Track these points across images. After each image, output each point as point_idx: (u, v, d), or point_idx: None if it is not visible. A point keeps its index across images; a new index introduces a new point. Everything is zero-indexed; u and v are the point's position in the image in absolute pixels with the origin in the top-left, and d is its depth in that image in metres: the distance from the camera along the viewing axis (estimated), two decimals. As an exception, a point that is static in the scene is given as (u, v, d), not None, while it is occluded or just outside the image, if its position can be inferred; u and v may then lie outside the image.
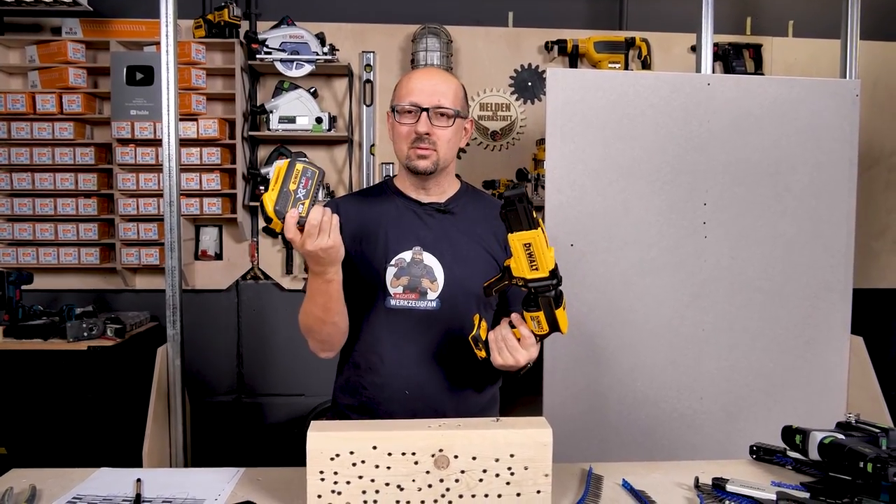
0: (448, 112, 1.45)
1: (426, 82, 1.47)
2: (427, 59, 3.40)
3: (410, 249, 1.48)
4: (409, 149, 1.47)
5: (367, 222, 1.52)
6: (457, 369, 1.49)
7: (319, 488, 1.13)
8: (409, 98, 1.46)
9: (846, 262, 2.48)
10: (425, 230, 1.50)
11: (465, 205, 1.56)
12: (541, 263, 1.20)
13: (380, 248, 1.49)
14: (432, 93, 1.45)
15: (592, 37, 3.54)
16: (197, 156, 3.36)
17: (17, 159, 3.35)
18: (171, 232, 2.48)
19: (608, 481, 1.32)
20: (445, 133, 1.46)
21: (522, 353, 1.30)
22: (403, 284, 1.47)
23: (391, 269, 1.47)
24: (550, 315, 1.26)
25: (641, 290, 2.38)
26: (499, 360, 1.31)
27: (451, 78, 1.52)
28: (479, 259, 1.51)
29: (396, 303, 1.47)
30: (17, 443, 2.99)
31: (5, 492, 1.20)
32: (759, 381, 2.44)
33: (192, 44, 3.34)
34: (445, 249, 1.49)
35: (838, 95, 2.46)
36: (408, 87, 1.47)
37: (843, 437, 1.27)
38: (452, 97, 1.47)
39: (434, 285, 1.47)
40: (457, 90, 1.50)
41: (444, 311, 1.47)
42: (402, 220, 1.52)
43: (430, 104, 1.44)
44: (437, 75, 1.51)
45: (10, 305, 3.12)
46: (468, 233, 1.52)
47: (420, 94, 1.45)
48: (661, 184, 2.38)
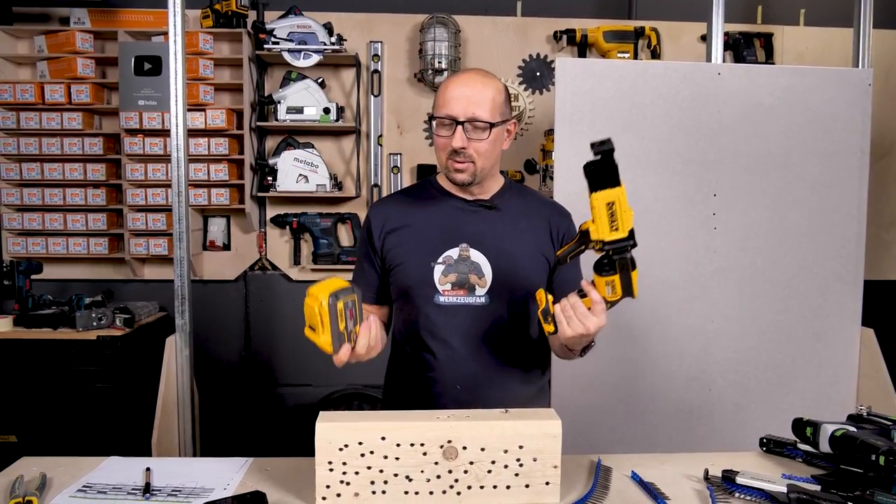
0: (483, 125, 1.43)
1: (462, 91, 1.43)
2: (435, 50, 3.38)
3: (457, 246, 1.49)
4: (446, 159, 1.46)
5: (413, 221, 1.53)
6: (507, 362, 1.52)
7: (328, 479, 1.13)
8: (444, 109, 1.43)
9: (857, 253, 2.46)
10: (471, 227, 1.51)
11: (509, 200, 1.56)
12: (621, 223, 1.17)
13: (426, 247, 1.50)
14: (468, 103, 1.42)
15: (601, 26, 3.52)
16: (205, 146, 3.36)
17: (26, 149, 3.36)
18: (180, 222, 2.48)
19: (617, 473, 1.32)
20: (482, 145, 1.44)
21: (593, 320, 1.25)
22: (452, 281, 1.48)
23: (439, 266, 1.48)
24: (626, 278, 1.22)
25: (651, 282, 2.37)
26: (568, 332, 1.26)
27: (490, 83, 1.47)
28: (526, 254, 1.52)
29: (446, 299, 1.48)
30: (27, 431, 3.01)
31: (16, 480, 1.21)
32: (769, 373, 2.43)
33: (200, 34, 3.34)
34: (492, 245, 1.50)
35: (850, 85, 2.43)
36: (444, 97, 1.44)
37: (854, 430, 1.26)
38: (490, 106, 1.44)
39: (482, 281, 1.49)
40: (495, 96, 1.46)
41: (493, 306, 1.48)
42: (448, 217, 1.52)
43: (466, 116, 1.42)
44: (474, 83, 1.45)
45: (20, 295, 3.14)
46: (513, 228, 1.53)
47: (455, 104, 1.42)
48: (671, 174, 2.36)
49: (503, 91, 1.49)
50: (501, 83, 1.51)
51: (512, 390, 1.54)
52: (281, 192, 3.44)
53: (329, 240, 3.55)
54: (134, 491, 1.21)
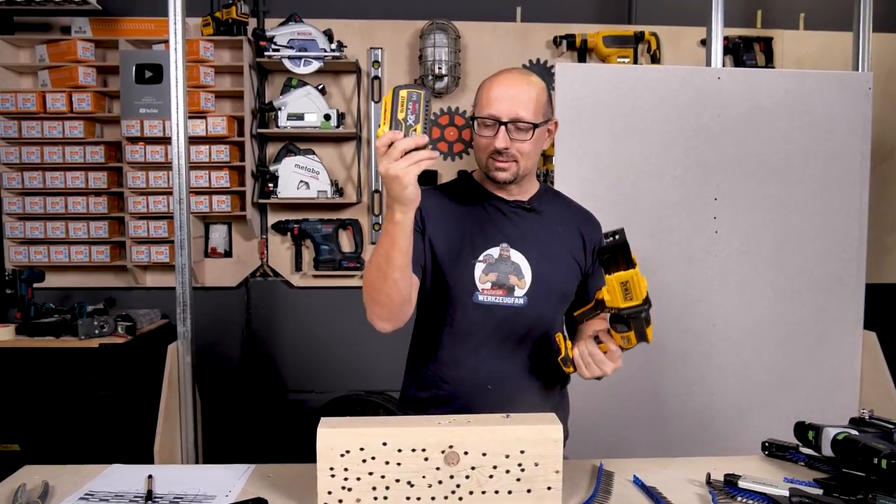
0: (527, 126, 1.42)
1: (506, 91, 1.42)
2: (435, 55, 3.39)
3: (498, 246, 1.48)
4: (487, 159, 1.45)
5: (454, 217, 1.51)
6: (539, 365, 1.52)
7: (330, 484, 1.13)
8: (488, 109, 1.42)
9: (859, 256, 2.46)
10: (511, 227, 1.50)
11: (547, 204, 1.56)
12: (635, 294, 1.22)
13: (468, 244, 1.49)
14: (512, 104, 1.41)
15: (601, 31, 3.52)
16: (206, 153, 3.36)
17: (27, 158, 3.37)
18: (181, 229, 2.49)
19: (619, 478, 1.31)
20: (525, 146, 1.43)
21: (610, 366, 1.32)
22: (492, 281, 1.47)
23: (479, 265, 1.47)
24: (641, 333, 1.28)
25: (651, 286, 2.34)
26: (586, 375, 1.33)
27: (533, 83, 1.45)
28: (563, 258, 1.53)
29: (485, 298, 1.47)
30: (29, 440, 3.01)
31: (18, 488, 1.21)
32: (771, 377, 2.43)
33: (201, 41, 3.35)
34: (532, 247, 1.50)
35: (850, 88, 2.44)
36: (487, 97, 1.43)
37: (856, 434, 1.26)
38: (534, 107, 1.43)
39: (521, 282, 1.48)
40: (538, 96, 1.44)
41: (531, 308, 1.48)
42: (489, 216, 1.51)
43: (509, 116, 1.40)
44: (518, 83, 1.44)
45: (22, 303, 3.14)
46: (552, 231, 1.53)
47: (499, 104, 1.41)
48: (672, 178, 2.37)
49: (546, 91, 1.48)
50: (544, 83, 1.50)
51: (541, 393, 1.55)
52: (282, 198, 3.44)
53: (330, 246, 3.56)
54: (136, 498, 1.21)
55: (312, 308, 3.65)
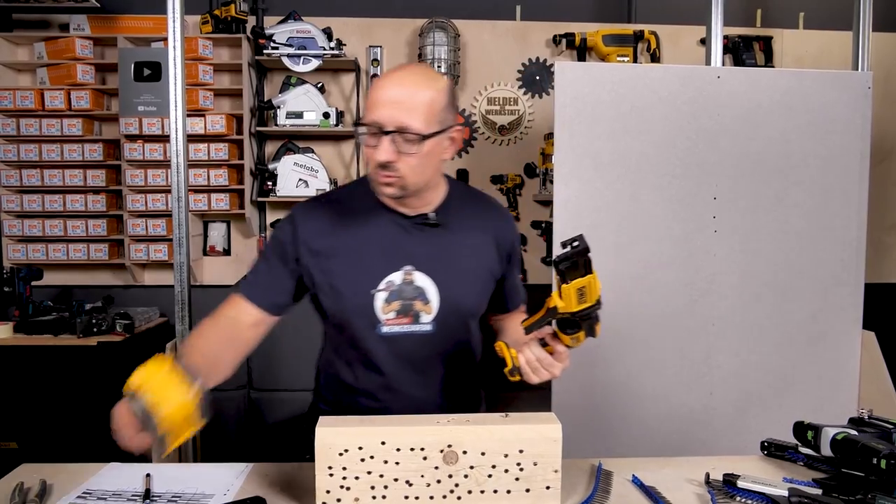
0: (414, 138, 1.21)
1: (393, 94, 1.22)
2: (434, 54, 3.39)
3: (400, 270, 1.33)
4: (374, 172, 1.27)
5: (348, 240, 1.35)
6: (452, 386, 1.45)
7: (328, 484, 1.12)
8: (371, 114, 1.23)
9: (858, 256, 2.46)
10: (414, 247, 1.35)
11: (455, 213, 1.39)
12: (590, 296, 1.17)
13: (365, 271, 1.33)
14: (397, 110, 1.21)
15: (601, 30, 3.53)
16: (205, 151, 3.36)
17: (26, 156, 3.36)
18: (180, 228, 2.48)
19: (618, 477, 1.31)
20: (412, 159, 1.23)
21: (558, 367, 1.25)
22: (395, 309, 1.33)
23: (380, 294, 1.33)
24: (591, 332, 1.24)
25: (650, 285, 2.37)
26: (535, 380, 1.25)
27: (428, 84, 1.25)
28: (474, 274, 1.40)
29: (389, 329, 1.34)
30: (27, 438, 3.01)
31: (16, 487, 1.21)
32: (770, 377, 2.42)
33: (199, 39, 3.34)
34: (438, 267, 1.35)
35: (850, 88, 2.43)
36: (373, 99, 1.23)
37: (855, 433, 1.25)
38: (425, 113, 1.22)
39: (428, 307, 1.35)
40: (432, 101, 1.23)
41: (440, 334, 1.37)
42: (388, 236, 1.35)
43: (394, 125, 1.20)
44: (409, 84, 1.24)
45: (20, 301, 3.14)
46: (461, 245, 1.38)
47: (383, 109, 1.21)
48: (671, 178, 2.36)
49: (446, 92, 1.27)
50: (445, 82, 1.29)
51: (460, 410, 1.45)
52: (281, 196, 3.44)
53: (329, 244, 3.55)
54: (134, 497, 1.21)
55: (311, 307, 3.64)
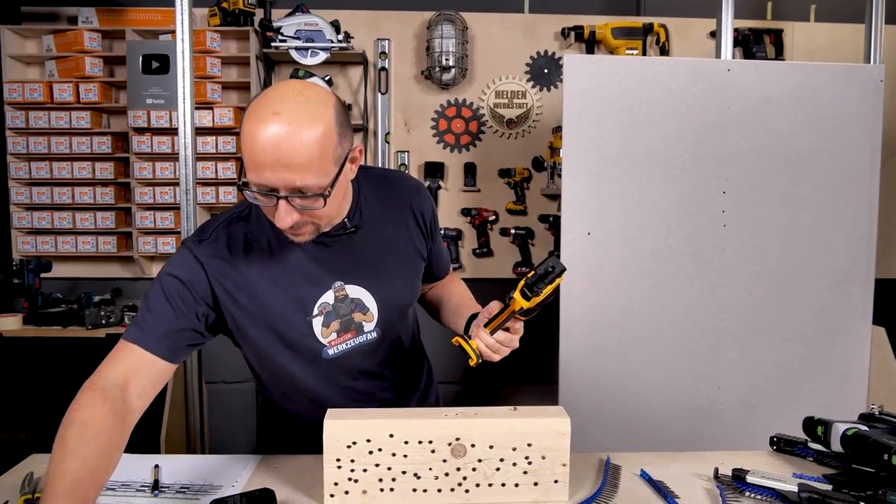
0: (315, 196, 1.07)
1: (273, 146, 1.01)
2: (443, 47, 3.38)
3: (330, 289, 1.25)
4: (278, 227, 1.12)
5: (267, 275, 1.22)
6: (402, 378, 1.43)
7: (336, 476, 1.12)
8: (257, 176, 1.05)
9: (868, 251, 2.44)
10: (339, 261, 1.26)
11: (370, 210, 1.30)
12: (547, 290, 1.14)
13: (294, 302, 1.23)
14: (285, 171, 1.03)
15: (610, 23, 3.50)
16: (213, 144, 3.36)
17: (35, 148, 3.38)
18: (188, 220, 2.49)
19: (626, 471, 1.31)
20: (321, 212, 1.10)
21: (516, 339, 1.23)
22: (336, 330, 1.27)
23: (316, 319, 1.25)
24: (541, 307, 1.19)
25: (659, 280, 2.36)
26: (496, 359, 1.23)
27: (311, 123, 1.03)
28: (404, 263, 1.35)
29: (335, 350, 1.28)
30: (36, 429, 3.03)
31: (25, 477, 1.21)
32: (779, 372, 2.41)
33: (207, 32, 3.34)
34: (367, 272, 1.28)
35: (861, 81, 2.41)
36: (253, 158, 1.03)
37: (866, 429, 1.24)
38: (318, 164, 1.05)
39: (368, 315, 1.30)
40: (323, 146, 1.04)
41: (385, 335, 1.33)
42: (310, 258, 1.24)
43: (287, 189, 1.05)
44: (290, 130, 1.01)
45: (30, 293, 3.16)
46: (383, 240, 1.31)
47: (270, 174, 1.03)
48: (680, 172, 2.35)
49: (334, 121, 1.06)
50: (330, 107, 1.07)
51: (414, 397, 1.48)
52: (288, 190, 3.43)
53: (336, 238, 3.55)
54: (143, 488, 1.21)
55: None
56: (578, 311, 2.33)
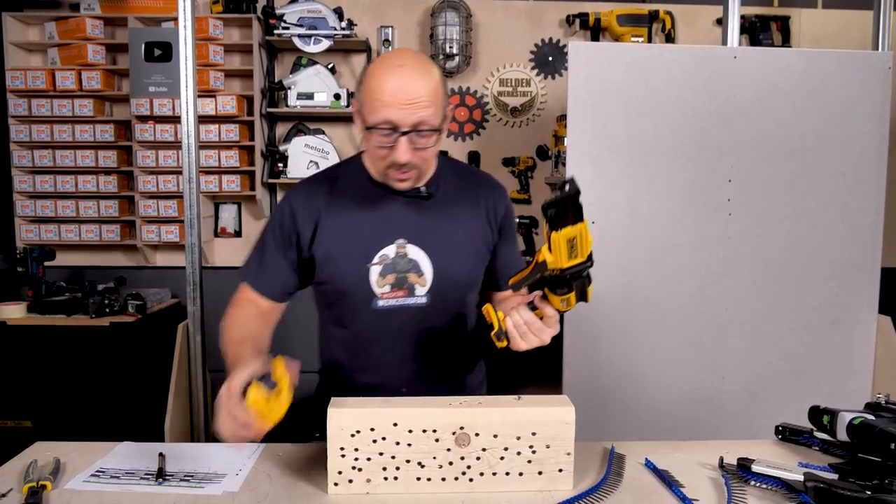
0: (431, 133, 1.24)
1: (404, 91, 1.20)
2: (446, 34, 3.36)
3: (393, 243, 1.35)
4: (385, 169, 1.29)
5: (343, 217, 1.37)
6: (450, 358, 1.46)
7: (340, 464, 1.12)
8: (382, 113, 1.21)
9: (874, 240, 2.42)
10: (406, 220, 1.36)
11: (445, 186, 1.41)
12: (581, 251, 1.10)
13: (359, 246, 1.35)
14: (413, 106, 1.20)
15: (615, 10, 3.47)
16: (216, 132, 3.35)
17: (38, 136, 3.37)
18: (191, 209, 2.48)
19: (631, 460, 1.30)
20: (429, 153, 1.27)
21: (548, 332, 1.20)
22: (390, 283, 1.35)
23: (375, 267, 1.34)
24: (582, 293, 1.17)
25: (664, 269, 2.35)
26: (523, 346, 1.20)
27: (429, 72, 1.24)
28: (466, 245, 1.41)
29: (385, 303, 1.36)
30: (41, 417, 3.04)
31: (30, 464, 1.21)
32: (784, 362, 2.41)
33: (210, 19, 3.32)
34: (430, 239, 1.36)
35: (869, 68, 2.38)
36: (381, 98, 1.21)
37: (872, 418, 1.24)
38: (435, 105, 1.23)
39: (422, 279, 1.36)
40: (437, 87, 1.25)
41: (434, 305, 1.38)
42: (381, 211, 1.36)
43: (410, 123, 1.21)
44: (415, 76, 1.22)
45: (34, 281, 3.16)
46: (452, 217, 1.39)
47: (396, 108, 1.20)
48: (685, 160, 2.33)
49: (440, 73, 1.28)
50: (434, 63, 1.31)
51: (458, 385, 1.49)
52: (292, 178, 3.43)
53: (340, 226, 3.55)
54: (147, 476, 1.21)
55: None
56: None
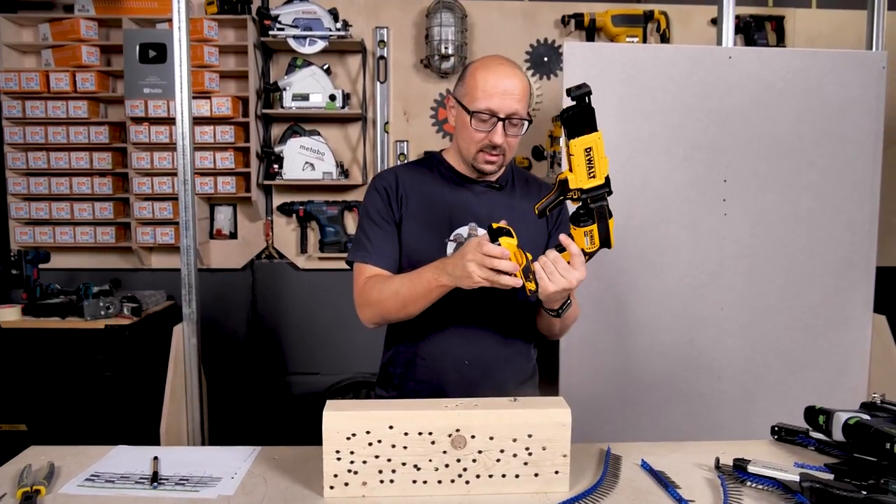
0: (521, 122, 1.45)
1: (504, 84, 1.43)
2: (442, 35, 3.35)
3: (467, 225, 1.51)
4: (477, 152, 1.47)
5: (427, 196, 1.54)
6: (510, 337, 1.56)
7: (336, 467, 1.12)
8: (486, 102, 1.42)
9: (869, 239, 2.43)
10: (479, 206, 1.53)
11: (512, 183, 1.60)
12: (598, 170, 1.20)
13: (439, 223, 1.52)
14: (510, 99, 1.43)
15: (610, 10, 3.47)
16: (211, 134, 3.34)
17: (32, 138, 3.36)
18: (186, 211, 2.48)
19: (627, 461, 1.30)
20: (515, 140, 1.48)
21: (574, 274, 1.28)
22: None
23: (451, 244, 1.50)
24: (604, 227, 1.25)
25: (660, 268, 2.35)
26: (550, 287, 1.28)
27: (523, 74, 1.50)
28: (529, 234, 1.50)
29: None
30: (35, 420, 3.03)
31: (24, 468, 1.21)
32: (780, 361, 2.41)
33: (205, 20, 3.31)
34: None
35: (864, 68, 2.39)
36: (485, 89, 1.43)
37: (868, 418, 1.24)
38: (526, 99, 1.47)
39: None
40: (527, 87, 1.48)
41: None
42: (459, 196, 1.54)
43: (507, 112, 1.43)
44: (514, 76, 1.46)
45: (28, 284, 3.15)
46: (518, 209, 1.54)
47: (498, 99, 1.42)
48: (681, 160, 2.34)
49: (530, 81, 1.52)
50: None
51: (516, 364, 1.59)
52: (287, 180, 3.42)
53: (336, 228, 3.55)
54: (142, 480, 1.21)
55: (318, 290, 3.65)
56: (579, 300, 2.31)
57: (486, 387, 1.49)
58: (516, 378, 1.58)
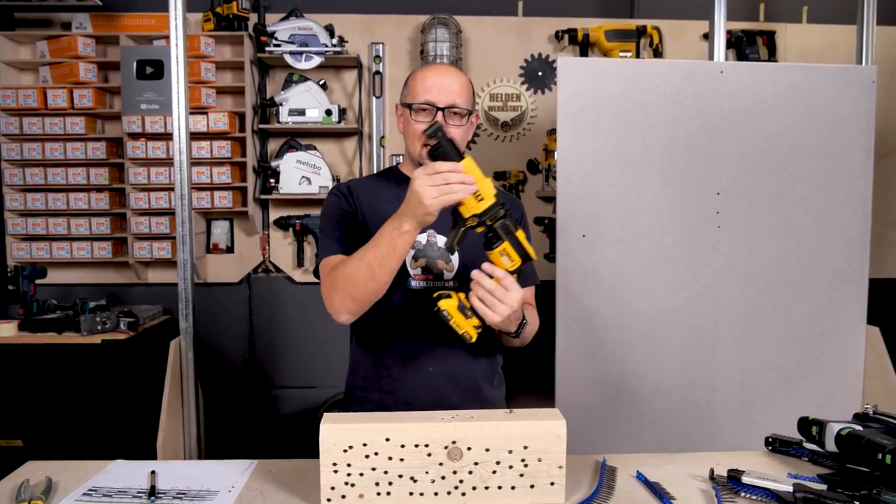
0: (462, 111, 1.50)
1: (441, 80, 1.50)
2: (437, 50, 3.38)
3: (425, 233, 1.53)
4: (422, 147, 1.48)
5: (382, 207, 1.53)
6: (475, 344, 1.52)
7: (333, 480, 1.12)
8: (424, 96, 1.49)
9: (862, 251, 2.45)
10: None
11: None
12: (484, 191, 1.25)
13: None
14: (447, 91, 1.49)
15: (603, 25, 3.51)
16: (207, 149, 3.36)
17: (29, 154, 3.37)
18: (183, 225, 2.49)
19: (622, 473, 1.31)
20: (459, 131, 1.50)
21: (512, 295, 1.29)
22: (421, 266, 1.52)
23: (409, 251, 1.50)
24: (515, 241, 1.28)
25: (654, 281, 2.36)
26: (495, 318, 1.29)
27: (462, 75, 1.57)
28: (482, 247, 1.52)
29: (417, 284, 1.52)
30: (32, 435, 3.02)
31: (21, 484, 1.21)
32: (774, 372, 2.42)
33: (202, 37, 3.34)
34: None
35: (854, 82, 2.42)
36: (423, 85, 1.50)
37: (860, 429, 1.25)
38: (465, 95, 1.52)
39: (449, 265, 1.53)
40: (468, 87, 1.55)
41: (460, 289, 1.46)
42: None
43: (446, 103, 1.48)
44: (451, 73, 1.54)
45: (25, 299, 3.15)
46: None
47: (436, 92, 1.49)
48: (674, 173, 2.35)
49: (471, 84, 1.59)
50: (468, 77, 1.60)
51: (480, 372, 1.59)
52: (284, 194, 3.44)
53: (332, 242, 3.55)
54: (139, 494, 1.21)
55: (314, 304, 3.64)
56: (574, 312, 2.33)
57: (452, 393, 1.52)
58: (483, 382, 1.59)
